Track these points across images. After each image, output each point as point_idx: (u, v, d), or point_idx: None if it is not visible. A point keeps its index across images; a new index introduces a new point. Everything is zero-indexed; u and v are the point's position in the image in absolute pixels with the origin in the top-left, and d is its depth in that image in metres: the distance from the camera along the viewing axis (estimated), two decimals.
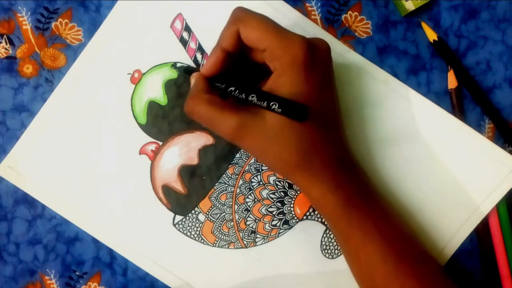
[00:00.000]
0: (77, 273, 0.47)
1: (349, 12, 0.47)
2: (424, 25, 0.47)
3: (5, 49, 0.47)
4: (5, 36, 0.47)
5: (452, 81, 0.46)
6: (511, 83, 0.47)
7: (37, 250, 0.47)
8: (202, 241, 0.47)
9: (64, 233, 0.47)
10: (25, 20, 0.47)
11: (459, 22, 0.47)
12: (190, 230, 0.47)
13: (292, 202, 0.47)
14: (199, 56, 0.47)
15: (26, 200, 0.47)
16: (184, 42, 0.47)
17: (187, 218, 0.47)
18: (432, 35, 0.46)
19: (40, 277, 0.47)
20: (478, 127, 0.47)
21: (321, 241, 0.47)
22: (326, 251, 0.47)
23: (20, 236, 0.47)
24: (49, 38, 0.47)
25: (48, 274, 0.47)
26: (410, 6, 0.46)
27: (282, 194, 0.47)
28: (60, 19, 0.47)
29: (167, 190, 0.47)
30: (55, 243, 0.47)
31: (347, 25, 0.47)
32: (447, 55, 0.46)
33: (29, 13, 0.47)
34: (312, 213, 0.47)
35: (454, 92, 0.46)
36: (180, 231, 0.47)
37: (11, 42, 0.47)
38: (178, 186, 0.47)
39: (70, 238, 0.47)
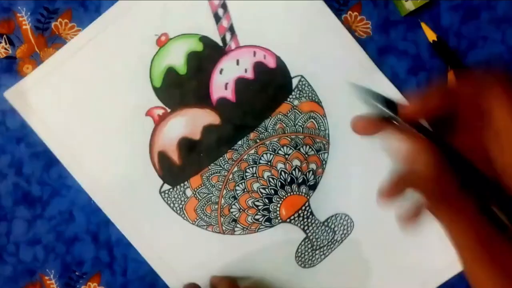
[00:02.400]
0: (77, 273, 0.47)
1: (349, 12, 0.47)
2: (424, 25, 0.47)
3: (5, 49, 0.47)
4: (5, 36, 0.47)
5: (452, 81, 0.46)
6: None
7: (37, 250, 0.47)
8: (183, 216, 0.47)
9: (64, 233, 0.47)
10: (25, 20, 0.47)
11: (459, 22, 0.47)
12: (174, 202, 0.47)
13: (280, 202, 0.47)
14: (228, 36, 0.46)
15: (26, 200, 0.47)
16: (217, 18, 0.46)
17: (175, 189, 0.47)
18: (432, 35, 0.46)
19: (40, 277, 0.47)
20: None
21: (298, 248, 0.47)
22: (299, 258, 0.47)
23: (20, 236, 0.47)
24: (49, 38, 0.47)
25: (48, 274, 0.47)
26: (410, 6, 0.46)
27: (272, 191, 0.47)
28: (60, 19, 0.47)
29: (163, 157, 0.46)
30: (55, 243, 0.47)
31: (347, 25, 0.47)
32: (447, 55, 0.46)
33: (29, 13, 0.47)
34: (296, 218, 0.47)
35: None
36: (164, 200, 0.47)
37: (11, 42, 0.47)
38: (174, 156, 0.47)
39: (70, 238, 0.47)
